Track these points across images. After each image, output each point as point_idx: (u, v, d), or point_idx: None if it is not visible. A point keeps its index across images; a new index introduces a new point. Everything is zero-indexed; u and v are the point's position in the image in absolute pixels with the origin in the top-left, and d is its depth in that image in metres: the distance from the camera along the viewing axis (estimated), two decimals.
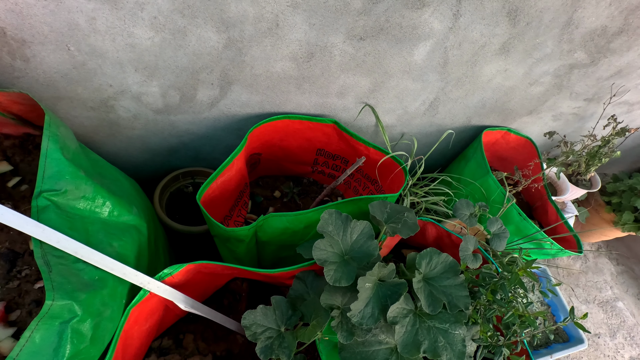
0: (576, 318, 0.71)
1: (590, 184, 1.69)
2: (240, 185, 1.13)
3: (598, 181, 1.68)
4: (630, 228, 1.81)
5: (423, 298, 0.73)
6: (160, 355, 0.97)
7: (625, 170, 2.25)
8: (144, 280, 0.74)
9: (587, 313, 0.84)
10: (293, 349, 0.75)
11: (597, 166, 1.49)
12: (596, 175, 1.68)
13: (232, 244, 0.98)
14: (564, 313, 1.57)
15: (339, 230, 0.74)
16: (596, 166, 1.49)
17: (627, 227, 1.82)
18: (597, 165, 1.48)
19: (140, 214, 0.89)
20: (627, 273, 2.28)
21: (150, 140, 1.14)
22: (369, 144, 1.15)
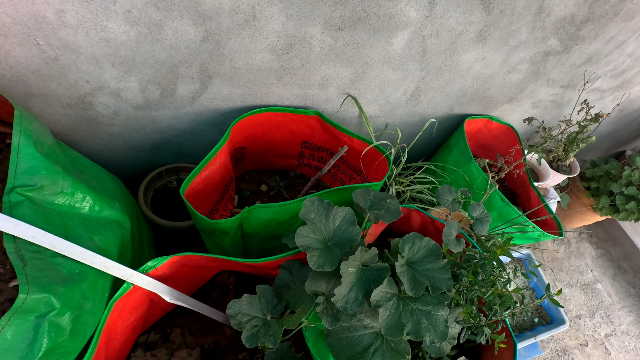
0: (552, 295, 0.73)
1: (570, 170, 1.74)
2: (224, 179, 1.13)
3: (577, 166, 1.72)
4: (607, 212, 1.86)
5: (406, 281, 0.74)
6: (147, 350, 0.97)
7: (602, 156, 2.31)
8: (126, 273, 0.74)
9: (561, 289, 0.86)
10: (279, 336, 0.76)
11: (575, 152, 1.53)
12: (575, 160, 1.72)
13: (217, 237, 0.98)
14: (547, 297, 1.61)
15: (321, 217, 0.75)
16: (574, 152, 1.53)
17: (604, 211, 1.87)
18: (575, 150, 1.52)
19: (122, 209, 0.89)
20: (605, 256, 2.35)
21: (132, 137, 1.13)
22: (353, 134, 1.16)
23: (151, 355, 0.96)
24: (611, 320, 2.05)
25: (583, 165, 2.05)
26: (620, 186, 1.73)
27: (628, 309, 2.13)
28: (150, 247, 1.10)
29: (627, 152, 2.45)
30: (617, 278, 2.26)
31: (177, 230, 1.19)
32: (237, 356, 1.04)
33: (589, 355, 1.86)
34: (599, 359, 1.87)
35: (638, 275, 2.27)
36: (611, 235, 2.42)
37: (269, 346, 0.75)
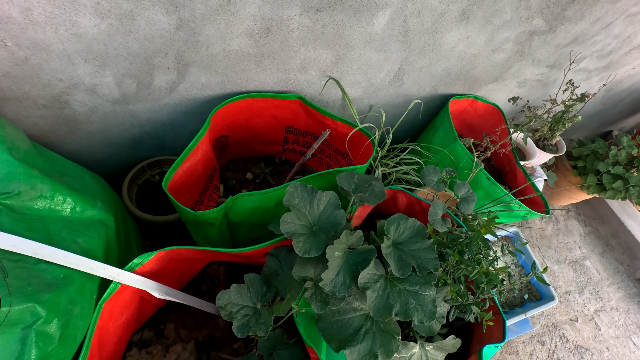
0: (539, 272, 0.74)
1: (557, 149, 1.75)
2: (208, 170, 1.11)
3: (563, 145, 1.73)
4: (594, 190, 1.88)
5: (393, 262, 0.74)
6: (142, 348, 0.96)
7: (589, 135, 2.33)
8: (113, 272, 0.72)
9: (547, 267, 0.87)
10: (270, 324, 0.75)
11: (561, 131, 1.54)
12: (561, 140, 1.73)
13: (203, 229, 0.96)
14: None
15: (305, 202, 0.74)
16: (560, 131, 1.53)
17: (591, 190, 1.90)
18: (561, 130, 1.53)
19: (106, 207, 0.87)
20: (593, 233, 2.39)
21: (112, 133, 1.10)
22: (336, 117, 1.14)
23: (146, 353, 0.96)
24: (600, 296, 2.08)
25: (570, 145, 2.06)
26: (607, 165, 1.74)
27: (617, 285, 2.17)
28: (137, 244, 1.08)
29: (614, 132, 2.47)
30: (606, 255, 2.30)
31: (163, 225, 1.17)
32: (232, 346, 1.04)
33: (580, 330, 1.90)
34: (589, 334, 1.90)
35: (626, 252, 2.31)
36: (599, 213, 2.46)
37: (261, 334, 0.75)
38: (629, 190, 1.69)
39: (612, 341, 1.91)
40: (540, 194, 1.34)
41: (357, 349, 0.72)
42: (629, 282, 2.21)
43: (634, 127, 2.65)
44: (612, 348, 1.88)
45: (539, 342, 1.80)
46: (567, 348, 1.82)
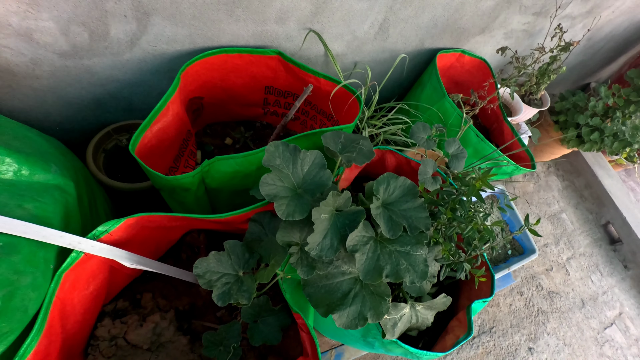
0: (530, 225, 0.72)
1: (541, 103, 1.72)
2: (181, 133, 1.03)
3: (548, 99, 1.71)
4: (573, 144, 1.90)
5: (382, 223, 0.70)
6: (115, 318, 0.91)
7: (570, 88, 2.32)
8: (72, 240, 0.65)
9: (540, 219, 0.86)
10: (253, 291, 0.71)
11: (546, 84, 1.50)
12: (546, 93, 1.71)
13: (178, 195, 0.90)
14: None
15: (287, 162, 0.68)
16: (545, 84, 1.50)
17: (571, 144, 1.91)
18: (546, 83, 1.49)
19: (63, 172, 0.79)
20: (570, 187, 2.46)
21: (67, 92, 0.98)
22: (319, 74, 1.06)
23: (121, 322, 0.91)
24: (572, 245, 2.21)
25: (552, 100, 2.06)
26: (586, 117, 1.75)
27: (586, 233, 2.30)
28: (107, 213, 1.01)
29: (592, 84, 2.48)
30: (579, 206, 2.39)
31: (136, 193, 1.09)
32: (215, 315, 1.01)
33: (553, 278, 2.01)
34: (560, 280, 2.03)
35: (596, 202, 2.43)
36: (575, 167, 2.52)
37: (243, 302, 0.71)
38: (604, 141, 1.71)
39: (577, 282, 2.06)
40: (527, 149, 1.32)
41: (346, 313, 0.69)
42: (596, 228, 2.35)
43: (609, 78, 2.66)
44: (576, 288, 2.04)
45: (517, 293, 1.88)
46: (541, 295, 1.93)
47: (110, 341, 0.89)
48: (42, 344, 0.62)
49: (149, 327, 0.91)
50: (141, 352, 0.91)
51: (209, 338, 0.81)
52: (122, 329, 0.90)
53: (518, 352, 1.71)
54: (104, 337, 0.89)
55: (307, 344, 0.76)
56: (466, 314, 0.86)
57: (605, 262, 2.21)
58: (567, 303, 1.95)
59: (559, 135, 1.98)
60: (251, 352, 0.95)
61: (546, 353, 1.75)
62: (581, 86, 2.67)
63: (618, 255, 2.27)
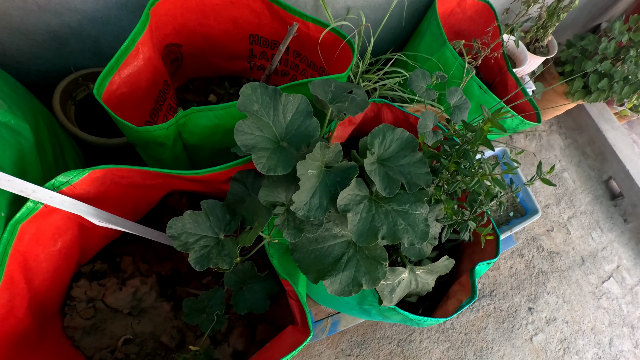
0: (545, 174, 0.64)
1: (548, 50, 1.61)
2: (157, 83, 0.92)
3: (555, 45, 1.59)
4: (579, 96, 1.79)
5: (378, 180, 0.62)
6: (93, 280, 0.85)
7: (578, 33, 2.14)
8: (25, 188, 0.57)
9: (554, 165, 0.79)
10: (234, 255, 0.64)
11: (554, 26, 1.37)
12: (553, 39, 1.58)
13: (154, 151, 0.81)
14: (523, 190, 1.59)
15: (267, 109, 0.59)
16: (554, 26, 1.37)
17: (576, 96, 1.80)
18: (554, 25, 1.36)
19: (17, 112, 0.69)
20: (572, 145, 2.38)
21: (13, 16, 0.84)
22: (307, 17, 0.94)
23: (98, 285, 0.86)
24: (573, 204, 2.15)
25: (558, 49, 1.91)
26: (595, 63, 1.61)
27: (587, 190, 2.24)
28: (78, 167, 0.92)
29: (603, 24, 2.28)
30: (581, 164, 2.32)
31: (113, 149, 1.01)
32: (200, 281, 0.96)
33: (554, 238, 1.98)
34: (561, 239, 2.00)
35: (599, 158, 2.35)
36: (578, 122, 2.42)
37: (224, 267, 0.65)
38: (613, 87, 1.60)
39: (577, 241, 2.03)
40: (531, 99, 1.22)
41: (339, 279, 0.62)
42: (597, 185, 2.28)
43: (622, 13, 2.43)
44: (576, 247, 2.01)
45: (518, 256, 1.85)
46: (542, 256, 1.91)
47: (88, 303, 0.85)
48: (3, 297, 0.59)
49: (129, 291, 0.86)
50: (122, 316, 0.87)
51: (190, 305, 0.75)
52: (100, 292, 0.86)
53: (518, 313, 1.70)
54: (81, 298, 0.84)
55: (296, 312, 0.70)
56: (469, 277, 0.80)
57: (606, 218, 2.18)
58: (567, 262, 1.93)
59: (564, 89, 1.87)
60: (239, 321, 0.90)
61: (546, 311, 1.75)
62: (591, 29, 2.43)
63: (618, 210, 2.24)
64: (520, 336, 1.65)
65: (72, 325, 0.81)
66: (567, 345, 1.71)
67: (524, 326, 1.68)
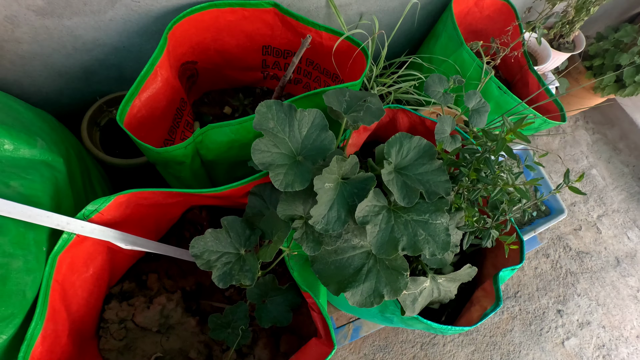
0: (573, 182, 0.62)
1: (574, 46, 1.55)
2: (174, 101, 0.94)
3: (582, 39, 1.52)
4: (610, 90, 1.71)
5: (396, 190, 0.62)
6: (122, 300, 0.88)
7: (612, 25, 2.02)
8: (60, 221, 0.60)
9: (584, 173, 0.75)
10: (256, 270, 0.65)
11: (582, 21, 1.31)
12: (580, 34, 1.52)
13: (173, 169, 0.83)
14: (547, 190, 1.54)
15: (283, 125, 0.59)
16: (582, 21, 1.31)
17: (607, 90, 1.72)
18: (582, 20, 1.30)
19: (52, 147, 0.73)
20: (601, 140, 2.28)
21: (53, 59, 0.90)
22: (320, 26, 0.94)
23: (127, 305, 0.88)
24: (604, 201, 2.06)
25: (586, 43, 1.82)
26: (632, 55, 1.53)
27: (620, 188, 2.13)
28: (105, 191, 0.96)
29: None
30: (612, 160, 2.22)
31: (135, 169, 1.04)
32: (223, 294, 0.97)
33: (582, 238, 1.90)
34: (590, 239, 1.91)
35: (633, 153, 2.24)
36: (609, 117, 2.31)
37: (246, 283, 0.65)
38: None
39: (610, 241, 1.93)
40: (555, 99, 1.18)
41: (360, 290, 0.62)
42: (632, 182, 2.17)
43: None
44: (609, 247, 1.91)
45: (543, 256, 1.79)
46: (569, 256, 1.83)
47: (120, 324, 0.87)
48: (49, 328, 0.60)
49: (156, 309, 0.88)
50: (151, 334, 0.88)
51: (215, 320, 0.76)
52: (129, 312, 0.87)
53: (546, 315, 1.64)
54: (113, 319, 0.86)
55: (319, 325, 0.70)
56: (493, 283, 0.78)
57: None
58: (599, 263, 1.84)
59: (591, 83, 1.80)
60: (263, 332, 0.90)
61: (577, 314, 1.68)
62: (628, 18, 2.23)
63: None
64: (550, 340, 1.59)
65: (107, 347, 0.83)
66: (606, 352, 1.63)
67: (553, 329, 1.62)
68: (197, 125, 1.14)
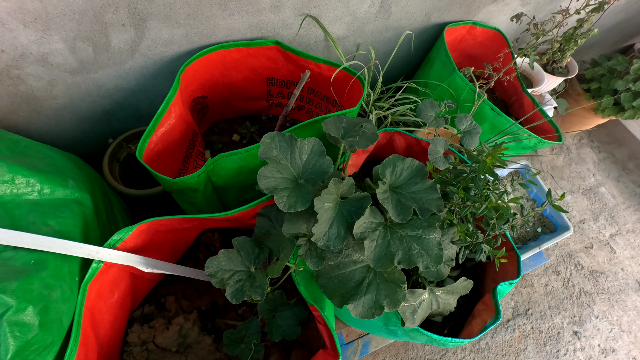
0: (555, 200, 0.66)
1: (567, 71, 1.61)
2: (187, 134, 1.03)
3: (575, 66, 1.59)
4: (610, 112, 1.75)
5: (391, 208, 0.67)
6: (143, 323, 0.93)
7: (606, 53, 2.11)
8: (91, 251, 0.68)
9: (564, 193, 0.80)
10: (265, 286, 0.70)
11: (572, 50, 1.39)
12: (572, 60, 1.59)
13: (187, 196, 0.90)
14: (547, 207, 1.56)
15: (285, 153, 0.66)
16: (572, 50, 1.38)
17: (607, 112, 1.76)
18: (572, 49, 1.37)
19: (80, 185, 0.82)
20: (608, 159, 2.28)
21: (80, 107, 1.01)
22: (319, 59, 1.03)
23: (148, 327, 0.93)
24: (616, 220, 2.03)
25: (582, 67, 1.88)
26: (627, 82, 1.58)
27: (634, 208, 2.10)
28: (125, 220, 1.04)
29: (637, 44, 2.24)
30: (622, 179, 2.21)
31: (151, 198, 1.11)
32: (236, 312, 1.02)
33: (595, 256, 1.87)
34: (604, 258, 1.87)
35: None
36: (615, 136, 2.33)
37: (257, 298, 0.71)
38: None
39: (627, 262, 1.88)
40: (550, 120, 1.24)
41: (361, 302, 0.67)
42: None
43: None
44: (627, 268, 1.86)
45: (553, 273, 1.78)
46: (582, 274, 1.80)
47: (142, 346, 0.91)
48: (81, 354, 0.65)
49: (175, 329, 0.92)
50: (170, 354, 0.93)
51: (230, 336, 0.81)
52: (150, 334, 0.92)
53: (562, 336, 1.60)
54: (135, 342, 0.91)
55: (325, 336, 0.75)
56: (492, 297, 0.81)
57: None
58: (617, 284, 1.79)
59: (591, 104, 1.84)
60: (275, 347, 0.94)
61: (597, 339, 1.62)
62: (621, 49, 2.37)
63: None
64: None
65: None
66: None
67: (571, 352, 1.57)
68: (208, 153, 1.23)
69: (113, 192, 1.06)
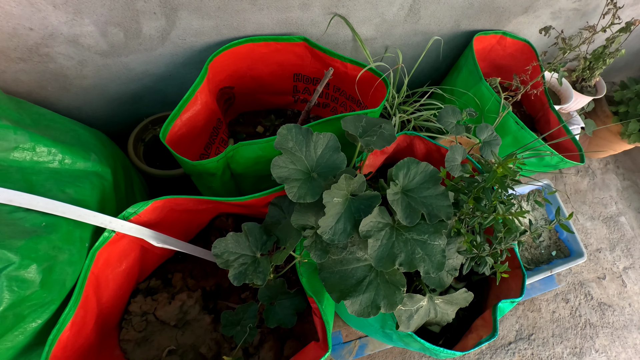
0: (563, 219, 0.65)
1: (596, 90, 1.56)
2: (211, 121, 1.05)
3: (603, 86, 1.54)
4: (635, 138, 1.69)
5: (400, 210, 0.68)
6: (147, 295, 0.96)
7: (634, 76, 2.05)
8: (104, 220, 0.71)
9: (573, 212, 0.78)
10: (268, 273, 0.72)
11: (601, 69, 1.35)
12: (601, 80, 1.54)
13: (205, 180, 0.93)
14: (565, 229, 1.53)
15: (300, 145, 0.68)
16: (600, 69, 1.35)
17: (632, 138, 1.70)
18: (601, 68, 1.34)
19: (102, 160, 0.86)
20: (631, 188, 2.20)
21: (109, 88, 1.05)
22: (346, 58, 1.04)
23: (152, 299, 0.96)
24: (631, 253, 1.96)
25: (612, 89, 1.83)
26: None
27: None
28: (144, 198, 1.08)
29: None
30: None
31: (172, 179, 1.15)
32: (239, 296, 1.04)
33: (605, 288, 1.81)
34: (614, 291, 1.81)
35: None
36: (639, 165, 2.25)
37: (258, 283, 0.72)
38: None
39: (635, 297, 1.83)
40: (573, 137, 1.21)
41: (359, 300, 0.67)
42: None
43: None
44: (634, 304, 1.81)
45: (562, 300, 1.73)
46: (590, 305, 1.74)
47: (142, 316, 0.95)
48: (79, 315, 0.68)
49: (177, 305, 0.95)
50: (169, 328, 0.96)
51: (227, 317, 0.83)
52: (152, 306, 0.95)
53: None
54: (136, 312, 0.94)
55: (319, 328, 0.76)
56: (492, 313, 0.81)
57: None
58: (622, 319, 1.74)
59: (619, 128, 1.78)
60: (270, 336, 0.96)
61: None
62: None
63: None
64: None
65: (126, 338, 0.90)
66: None
67: None
68: (231, 142, 1.26)
69: (135, 170, 1.10)
